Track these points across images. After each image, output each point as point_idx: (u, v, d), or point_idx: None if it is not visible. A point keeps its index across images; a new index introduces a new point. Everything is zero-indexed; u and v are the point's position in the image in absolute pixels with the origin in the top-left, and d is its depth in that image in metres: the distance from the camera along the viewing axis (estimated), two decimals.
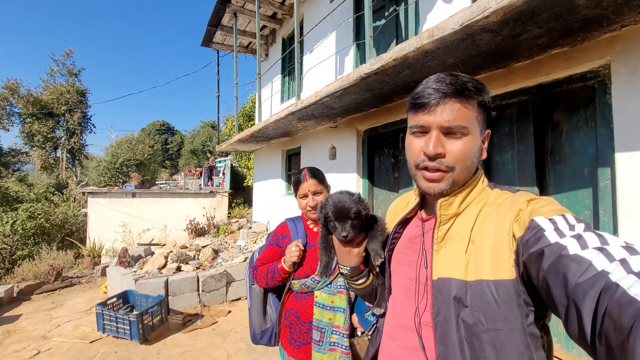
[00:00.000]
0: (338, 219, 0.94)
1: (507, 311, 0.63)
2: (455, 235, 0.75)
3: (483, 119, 0.76)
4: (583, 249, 0.52)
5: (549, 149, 2.49)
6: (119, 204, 10.01)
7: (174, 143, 41.48)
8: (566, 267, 0.51)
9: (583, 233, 0.55)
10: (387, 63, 2.47)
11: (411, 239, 0.87)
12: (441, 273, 0.73)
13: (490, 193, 0.78)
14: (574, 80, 2.25)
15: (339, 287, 1.51)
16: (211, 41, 7.34)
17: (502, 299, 0.63)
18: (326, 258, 1.11)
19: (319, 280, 1.50)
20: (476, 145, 0.75)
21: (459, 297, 0.68)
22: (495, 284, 0.64)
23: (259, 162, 8.06)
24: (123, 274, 4.73)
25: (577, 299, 0.47)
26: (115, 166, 19.28)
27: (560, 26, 1.88)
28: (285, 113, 4.18)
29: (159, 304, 3.82)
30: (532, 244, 0.59)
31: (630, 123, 1.90)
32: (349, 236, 0.94)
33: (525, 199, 0.69)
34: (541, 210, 0.64)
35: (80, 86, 21.47)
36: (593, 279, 0.47)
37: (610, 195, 2.04)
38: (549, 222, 0.60)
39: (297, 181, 1.66)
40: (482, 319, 0.64)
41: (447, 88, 0.72)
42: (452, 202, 0.76)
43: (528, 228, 0.62)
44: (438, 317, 0.71)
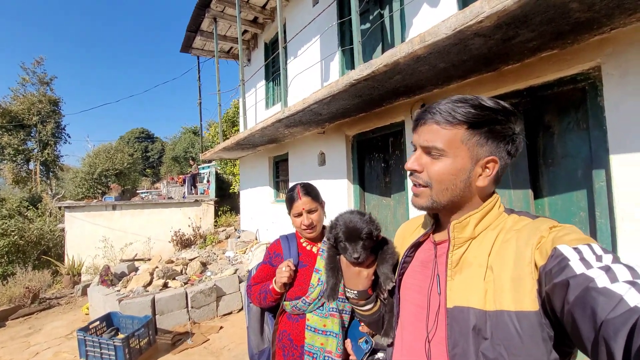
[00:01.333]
0: (349, 239, 0.91)
1: (531, 346, 0.59)
2: (471, 260, 0.71)
3: (479, 143, 0.71)
4: (613, 282, 0.49)
5: (541, 152, 2.49)
6: (98, 217, 9.59)
7: (154, 150, 40.45)
8: (595, 301, 0.48)
9: (612, 264, 0.52)
10: (378, 69, 2.41)
11: (423, 263, 0.83)
12: (457, 301, 0.69)
13: (507, 218, 0.75)
14: (564, 83, 2.25)
15: (331, 310, 1.46)
16: (191, 47, 7.13)
17: (526, 332, 0.59)
18: (333, 280, 1.04)
19: (309, 303, 1.44)
20: (457, 168, 0.72)
21: (478, 327, 0.64)
22: (517, 316, 0.60)
23: (245, 169, 7.89)
24: (106, 294, 4.48)
25: (608, 337, 0.44)
26: (94, 177, 18.55)
27: (552, 30, 1.87)
28: (272, 120, 4.07)
29: (146, 325, 3.63)
30: (556, 274, 0.56)
31: (623, 125, 1.90)
32: (361, 258, 0.90)
33: (547, 226, 0.66)
34: (565, 238, 0.61)
35: (53, 95, 20.56)
36: (625, 315, 0.44)
37: (606, 197, 2.04)
38: (573, 252, 0.57)
39: (290, 199, 1.58)
40: (504, 353, 0.60)
41: (433, 110, 0.74)
42: (467, 225, 0.74)
43: (551, 257, 0.59)
44: (455, 350, 0.66)
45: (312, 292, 1.47)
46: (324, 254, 1.57)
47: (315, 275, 1.50)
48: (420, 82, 2.72)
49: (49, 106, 19.84)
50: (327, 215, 1.80)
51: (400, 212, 3.71)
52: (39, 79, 20.24)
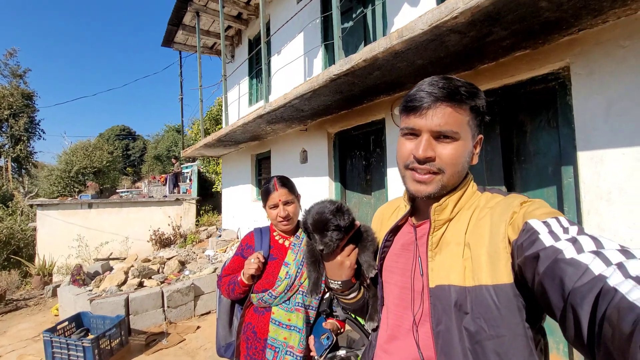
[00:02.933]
0: (316, 230, 0.89)
1: (509, 316, 0.62)
2: (449, 240, 0.73)
3: (475, 123, 0.76)
4: (579, 253, 0.51)
5: (515, 149, 2.55)
6: (73, 215, 9.23)
7: (136, 149, 39.42)
8: (563, 271, 0.50)
9: (578, 236, 0.55)
10: (357, 64, 2.42)
11: (404, 246, 0.84)
12: (439, 280, 0.71)
13: (480, 197, 0.77)
14: (536, 82, 2.32)
15: (297, 305, 1.45)
16: (172, 41, 6.97)
17: (503, 303, 0.62)
18: (315, 274, 1.02)
19: (275, 296, 1.44)
20: (467, 150, 0.74)
21: (459, 303, 0.67)
22: (494, 289, 0.63)
23: (228, 167, 7.77)
24: (76, 293, 4.30)
25: (575, 304, 0.47)
26: (70, 175, 17.89)
27: (524, 28, 1.92)
28: (253, 116, 4.02)
29: (118, 325, 3.49)
30: (527, 247, 0.58)
31: (589, 122, 1.97)
32: (326, 250, 0.88)
33: (518, 202, 0.69)
34: (535, 212, 0.64)
35: (26, 89, 19.73)
36: (590, 283, 0.46)
37: (573, 193, 2.11)
38: (542, 225, 0.60)
39: (266, 191, 1.56)
40: (484, 325, 0.63)
41: (439, 92, 0.71)
42: (446, 207, 0.75)
43: (522, 231, 0.62)
44: (439, 327, 0.68)
45: (279, 285, 1.45)
46: (295, 248, 1.56)
47: (284, 269, 1.49)
48: (400, 78, 2.75)
49: (22, 100, 18.99)
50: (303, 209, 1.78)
51: None
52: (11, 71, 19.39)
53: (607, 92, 1.90)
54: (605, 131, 1.90)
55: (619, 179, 1.85)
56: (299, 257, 1.53)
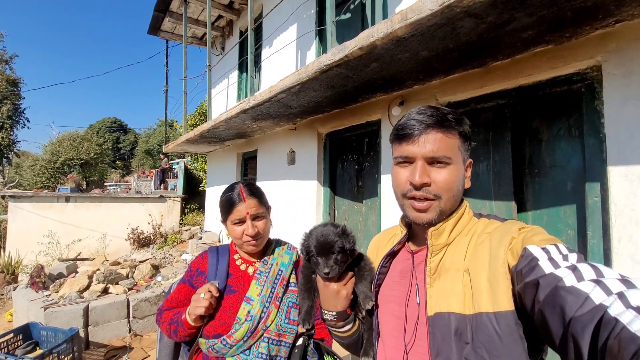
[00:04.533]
0: (321, 253, 0.85)
1: (511, 345, 0.60)
2: (448, 266, 0.72)
3: (465, 148, 0.77)
4: (579, 281, 0.51)
5: (527, 160, 2.23)
6: (48, 209, 8.70)
7: (127, 142, 38.72)
8: (563, 300, 0.50)
9: (577, 264, 0.55)
10: (352, 52, 2.08)
11: (402, 273, 0.82)
12: (437, 307, 0.69)
13: (477, 222, 0.77)
14: (557, 83, 2.00)
15: (260, 356, 1.08)
16: (159, 29, 6.55)
17: (505, 332, 0.60)
18: (309, 302, 0.94)
19: (231, 345, 1.07)
20: (460, 174, 0.75)
21: (459, 332, 0.64)
22: (496, 316, 0.61)
23: (213, 165, 7.36)
24: (31, 299, 3.86)
25: (576, 333, 0.46)
26: (55, 166, 17.28)
27: (552, 15, 1.59)
28: (236, 111, 3.65)
29: (70, 340, 3.07)
30: (527, 273, 0.58)
31: (624, 132, 1.65)
32: (332, 273, 0.83)
33: (517, 227, 0.69)
34: (534, 238, 0.63)
35: (12, 75, 18.97)
36: (591, 312, 0.46)
37: (600, 214, 1.79)
38: (542, 252, 0.59)
39: (229, 201, 1.19)
40: (485, 356, 0.61)
41: (429, 119, 0.73)
42: (443, 231, 0.75)
43: (521, 257, 0.61)
44: (438, 358, 0.66)
45: (238, 330, 1.08)
46: (261, 277, 1.20)
47: (245, 307, 1.12)
48: (400, 74, 2.41)
49: (6, 86, 18.25)
50: (276, 224, 1.43)
51: (372, 219, 3.39)
52: None
53: None
54: None
55: None
56: (265, 291, 1.15)
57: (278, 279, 1.20)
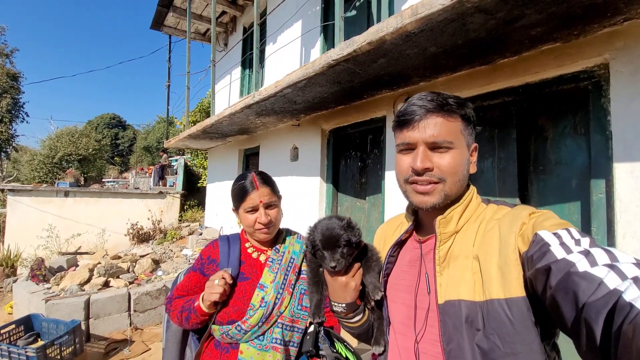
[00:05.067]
0: (326, 247, 0.84)
1: (524, 331, 0.60)
2: (457, 253, 0.71)
3: (469, 132, 0.76)
4: (592, 266, 0.50)
5: (532, 157, 2.25)
6: (47, 204, 8.68)
7: (125, 138, 38.62)
8: (576, 285, 0.49)
9: (590, 249, 0.54)
10: (361, 47, 2.08)
11: (411, 262, 0.81)
12: (448, 295, 0.68)
13: (486, 209, 0.76)
14: (564, 81, 2.01)
15: (275, 342, 1.10)
16: (162, 24, 6.53)
17: (517, 318, 0.60)
18: (317, 295, 0.94)
19: (246, 330, 1.08)
20: (464, 158, 0.74)
21: (470, 319, 0.64)
22: (508, 303, 0.61)
23: (214, 161, 7.36)
24: (32, 291, 3.86)
25: (589, 318, 0.46)
26: (54, 161, 17.24)
27: (562, 12, 1.60)
28: (241, 106, 3.65)
29: (72, 332, 3.07)
30: (538, 259, 0.58)
31: (631, 129, 1.67)
32: (338, 266, 0.83)
33: (526, 213, 0.68)
34: (544, 223, 0.62)
35: (12, 68, 18.88)
36: (605, 297, 0.45)
37: (604, 211, 1.80)
38: (553, 237, 0.59)
39: (242, 189, 1.18)
40: (498, 342, 0.60)
41: (429, 104, 0.73)
42: (451, 219, 0.74)
43: (532, 242, 0.61)
44: (450, 345, 0.66)
45: (252, 316, 1.09)
46: (273, 265, 1.21)
47: (259, 293, 1.13)
48: (407, 70, 2.42)
49: (7, 80, 18.16)
50: (290, 214, 1.44)
51: (374, 216, 3.40)
52: None
53: None
54: None
55: None
56: (279, 278, 1.17)
57: (290, 267, 1.21)
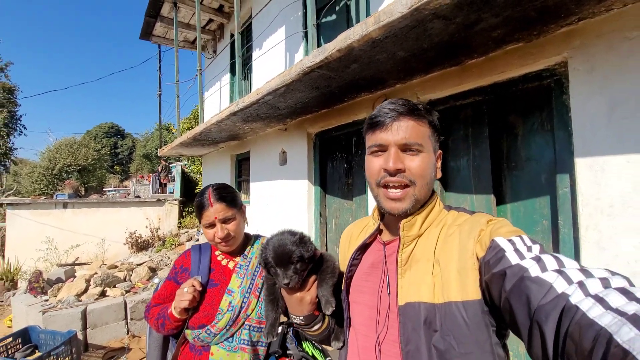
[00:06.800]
0: (279, 264, 0.84)
1: (478, 333, 0.63)
2: (419, 257, 0.73)
3: (435, 139, 0.79)
4: (543, 272, 0.53)
5: (505, 154, 2.31)
6: (46, 216, 8.75)
7: (124, 147, 38.80)
8: (528, 289, 0.52)
9: (541, 255, 0.57)
10: (331, 55, 2.15)
11: (373, 264, 0.83)
12: (408, 297, 0.70)
13: (447, 215, 0.79)
14: (529, 79, 2.07)
15: (243, 343, 1.17)
16: (151, 34, 6.61)
17: (472, 320, 0.63)
18: (273, 314, 0.94)
19: (215, 333, 1.16)
20: (432, 162, 0.76)
21: (429, 321, 0.66)
22: (464, 305, 0.64)
23: (208, 167, 7.43)
24: (30, 304, 3.92)
25: (541, 321, 0.48)
26: (53, 172, 17.35)
27: (518, 15, 1.66)
28: (226, 113, 3.72)
29: (68, 342, 3.14)
30: (494, 264, 0.60)
31: (589, 125, 1.73)
32: (291, 283, 0.83)
33: (485, 220, 0.71)
34: (500, 230, 0.65)
35: (8, 82, 19.00)
36: (554, 301, 0.48)
37: (570, 204, 1.86)
38: (508, 243, 0.62)
39: (199, 206, 1.26)
40: (453, 343, 0.63)
41: (400, 107, 0.75)
42: (414, 223, 0.75)
43: (489, 248, 0.63)
44: (408, 347, 0.67)
45: (220, 320, 1.17)
46: (241, 270, 1.28)
47: (227, 298, 1.21)
48: (381, 74, 2.48)
49: (2, 94, 18.28)
50: (269, 222, 1.50)
51: (361, 216, 3.45)
52: None
53: (610, 91, 1.65)
54: (608, 136, 1.65)
55: (622, 190, 1.61)
56: (245, 283, 1.24)
57: (257, 271, 1.28)
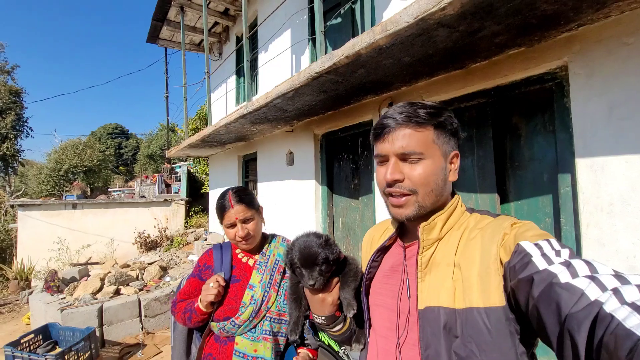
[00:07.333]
0: (305, 265, 0.86)
1: (501, 340, 0.61)
2: (439, 260, 0.72)
3: (444, 140, 0.76)
4: (574, 278, 0.51)
5: (508, 154, 2.38)
6: (56, 217, 8.93)
7: (129, 147, 39.05)
8: (558, 296, 0.50)
9: (571, 260, 0.55)
10: (339, 61, 2.23)
11: (393, 267, 0.83)
12: (428, 302, 0.69)
13: (469, 217, 0.77)
14: (531, 82, 2.15)
15: (264, 333, 1.27)
16: (157, 37, 6.72)
17: (494, 327, 0.61)
18: (296, 312, 0.99)
19: (239, 325, 1.26)
20: (437, 167, 0.74)
21: (449, 326, 0.65)
22: (486, 311, 0.62)
23: (215, 168, 7.55)
24: (48, 302, 4.06)
25: (572, 329, 0.46)
26: (60, 173, 17.56)
27: (519, 23, 1.74)
28: (235, 116, 3.82)
29: (87, 338, 3.27)
30: (520, 269, 0.58)
31: (589, 127, 1.80)
32: (317, 284, 0.85)
33: (508, 223, 0.68)
34: (526, 234, 0.63)
35: (15, 85, 19.22)
36: (587, 309, 0.46)
37: (571, 203, 1.94)
38: (535, 247, 0.59)
39: (220, 207, 1.37)
40: (474, 350, 0.61)
41: (399, 116, 0.74)
42: (434, 226, 0.75)
43: (514, 253, 0.61)
44: (427, 351, 0.67)
45: (243, 312, 1.27)
46: (260, 267, 1.38)
47: (249, 293, 1.31)
48: (387, 77, 2.56)
49: (9, 97, 18.50)
50: (278, 222, 1.59)
51: (368, 215, 3.55)
52: None
53: (609, 94, 1.73)
54: (607, 137, 1.73)
55: (621, 189, 1.68)
56: (265, 279, 1.35)
57: (275, 268, 1.38)
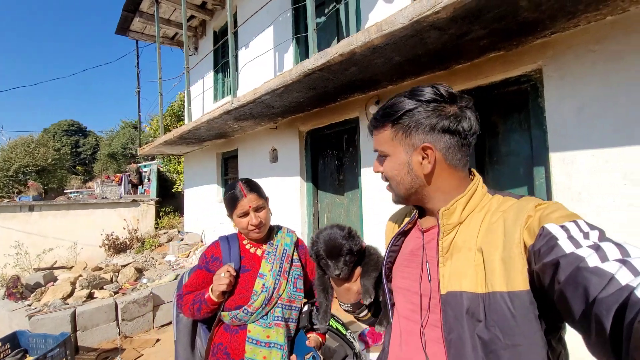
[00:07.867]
0: (330, 256, 0.91)
1: (525, 325, 0.60)
2: (460, 245, 0.71)
3: (404, 135, 0.76)
4: (603, 262, 0.49)
5: (487, 150, 2.58)
6: (11, 219, 8.24)
7: (87, 146, 36.60)
8: (587, 281, 0.48)
9: (600, 243, 0.52)
10: (333, 58, 2.29)
11: (412, 251, 0.84)
12: (450, 286, 0.69)
13: (492, 199, 0.75)
14: (509, 83, 2.34)
15: (277, 319, 1.30)
16: (128, 29, 6.39)
17: (519, 311, 0.60)
18: (325, 302, 1.04)
19: (252, 312, 1.28)
20: (399, 162, 0.78)
21: (472, 311, 0.65)
22: (510, 296, 0.61)
23: (190, 166, 7.33)
24: (12, 309, 3.76)
25: (600, 314, 0.45)
26: (8, 174, 16.14)
27: (502, 28, 1.91)
28: (219, 112, 3.76)
29: (62, 344, 3.07)
30: (545, 253, 0.56)
31: (561, 125, 2.01)
32: (342, 274, 0.90)
33: (533, 205, 0.66)
34: (551, 216, 0.61)
35: None
36: (617, 294, 0.44)
37: (545, 194, 2.15)
38: (561, 230, 0.57)
39: (232, 198, 1.38)
40: (499, 334, 0.61)
41: (371, 122, 0.83)
42: (454, 211, 0.74)
43: (539, 236, 0.59)
44: (451, 335, 0.67)
45: (256, 300, 1.30)
46: (269, 257, 1.41)
47: (259, 281, 1.34)
48: (376, 76, 2.67)
49: None
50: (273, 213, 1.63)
51: (353, 210, 3.65)
52: None
53: (578, 96, 1.94)
54: (577, 133, 1.94)
55: (588, 180, 1.90)
56: (275, 267, 1.38)
57: (284, 256, 1.42)
